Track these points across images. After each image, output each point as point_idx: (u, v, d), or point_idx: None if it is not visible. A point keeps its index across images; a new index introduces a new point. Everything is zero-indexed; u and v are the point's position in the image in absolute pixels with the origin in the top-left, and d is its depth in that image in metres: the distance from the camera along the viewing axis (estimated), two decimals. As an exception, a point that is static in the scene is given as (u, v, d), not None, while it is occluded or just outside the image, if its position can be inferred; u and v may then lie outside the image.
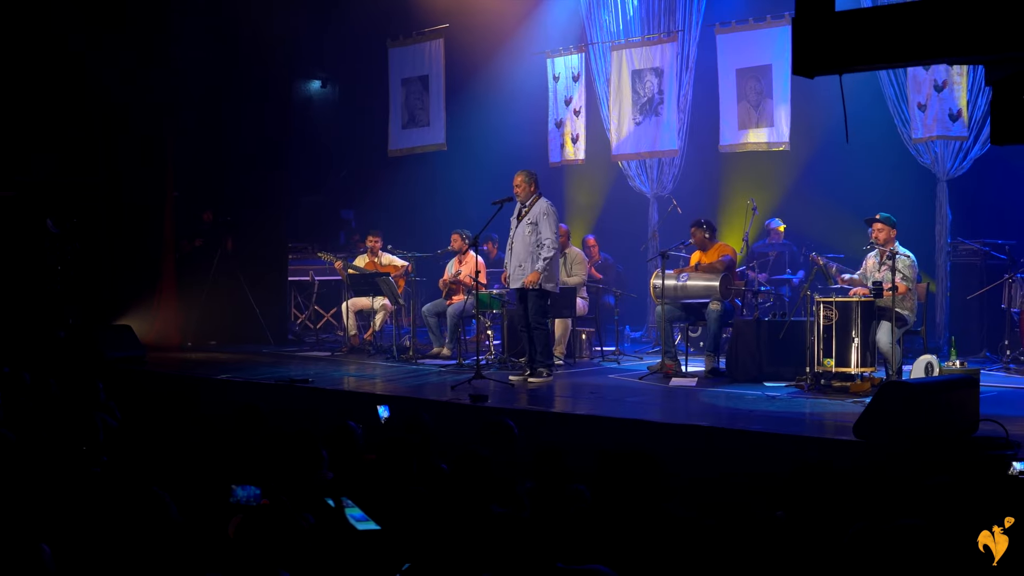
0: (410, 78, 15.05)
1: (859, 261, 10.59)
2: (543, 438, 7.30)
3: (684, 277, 10.70)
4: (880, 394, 6.82)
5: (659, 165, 14.62)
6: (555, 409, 8.67)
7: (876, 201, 12.83)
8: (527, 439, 7.78)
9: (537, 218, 10.25)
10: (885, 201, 12.74)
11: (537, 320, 10.27)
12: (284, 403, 9.78)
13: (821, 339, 9.38)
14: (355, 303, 13.43)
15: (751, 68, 13.40)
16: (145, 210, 14.20)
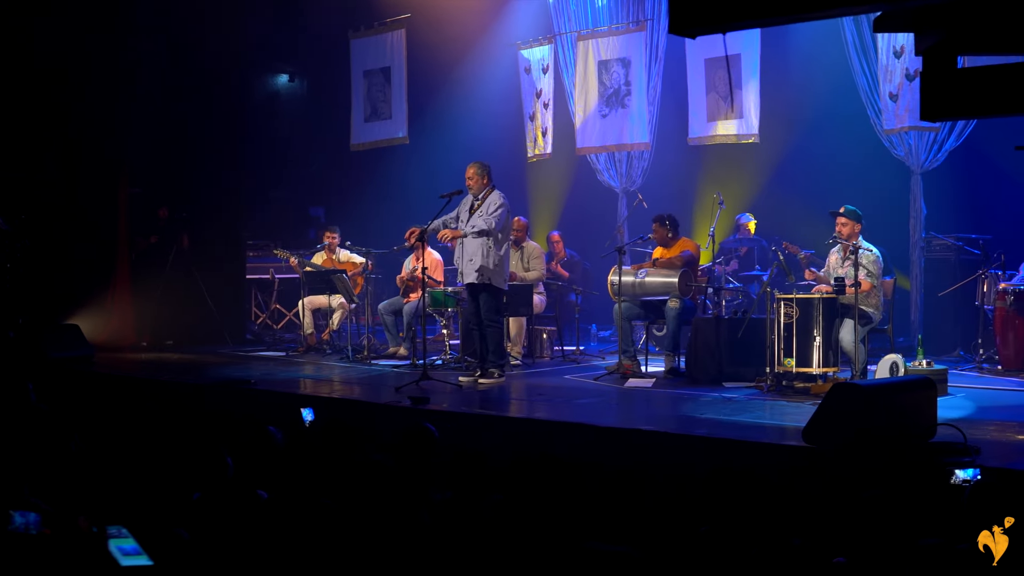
0: (372, 70, 14.60)
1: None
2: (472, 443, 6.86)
3: (642, 274, 10.27)
4: (830, 396, 6.39)
5: (628, 159, 14.19)
6: (493, 412, 8.24)
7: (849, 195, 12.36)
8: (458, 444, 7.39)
9: (487, 209, 9.82)
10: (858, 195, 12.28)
11: (490, 318, 9.85)
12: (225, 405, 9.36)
13: (781, 338, 8.96)
14: (312, 302, 12.99)
15: (720, 58, 12.95)
16: (99, 206, 13.74)
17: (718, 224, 12.27)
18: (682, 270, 10.05)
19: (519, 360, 11.31)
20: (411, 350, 11.89)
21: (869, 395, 6.24)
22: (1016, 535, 3.93)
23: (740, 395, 8.92)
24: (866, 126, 12.11)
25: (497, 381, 9.78)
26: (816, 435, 6.37)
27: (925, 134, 11.75)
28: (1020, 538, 3.91)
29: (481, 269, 9.73)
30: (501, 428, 7.67)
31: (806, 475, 6.23)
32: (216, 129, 14.36)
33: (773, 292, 9.14)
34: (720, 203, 11.89)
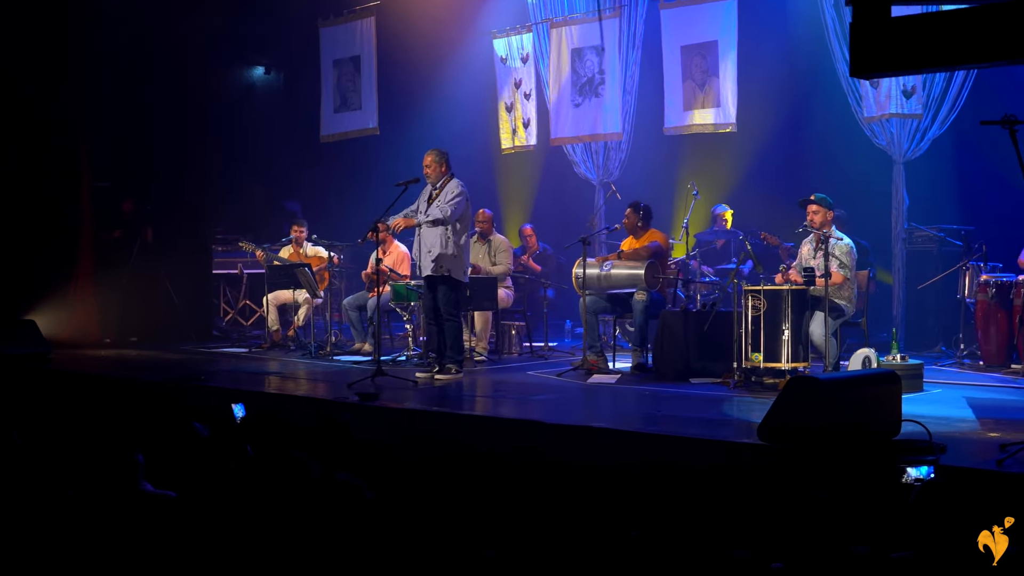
0: (342, 59, 14.19)
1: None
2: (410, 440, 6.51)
3: (608, 266, 9.86)
4: (787, 391, 5.98)
5: (605, 150, 13.76)
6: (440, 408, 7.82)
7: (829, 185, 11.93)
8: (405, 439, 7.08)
9: (446, 199, 9.43)
10: (839, 185, 11.91)
11: (448, 312, 9.44)
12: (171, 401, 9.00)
13: (749, 332, 8.55)
14: (277, 297, 12.60)
15: (696, 45, 12.55)
16: (61, 200, 13.32)
17: (693, 216, 11.92)
18: (649, 261, 9.63)
19: (484, 356, 10.90)
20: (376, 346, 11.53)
21: (828, 389, 5.83)
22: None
23: (705, 391, 8.52)
24: (847, 114, 11.68)
25: (455, 377, 9.38)
26: (772, 432, 5.96)
27: (907, 122, 11.33)
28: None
29: (439, 260, 9.34)
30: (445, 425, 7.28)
31: (759, 475, 5.83)
32: (183, 122, 13.97)
33: (740, 284, 8.73)
34: (695, 194, 11.51)
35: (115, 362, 11.41)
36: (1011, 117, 5.51)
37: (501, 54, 14.14)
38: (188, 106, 14.05)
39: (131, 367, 10.89)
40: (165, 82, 13.81)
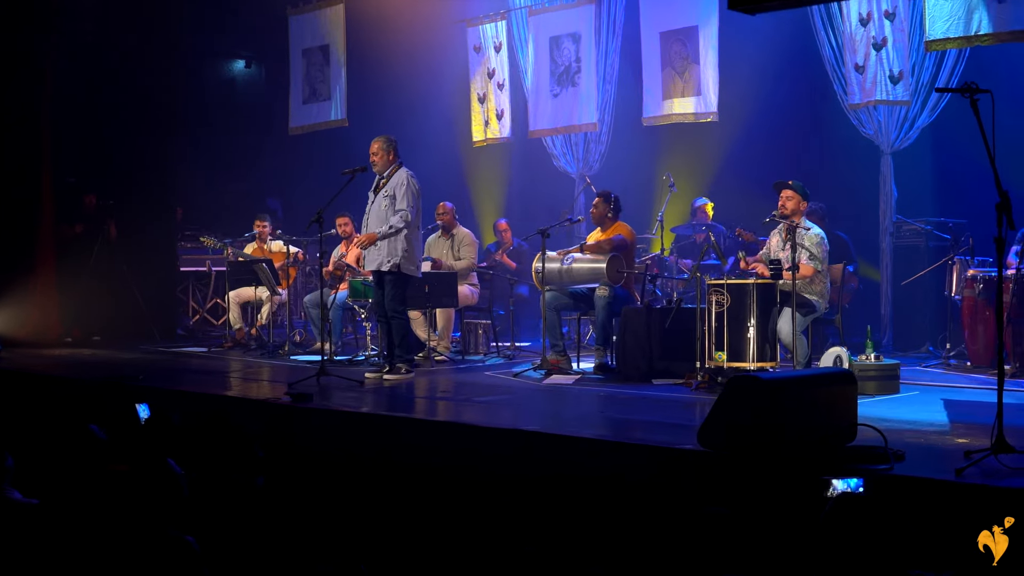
0: (310, 48, 13.65)
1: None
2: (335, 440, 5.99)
3: (569, 259, 9.27)
4: (725, 392, 5.39)
5: (585, 142, 13.18)
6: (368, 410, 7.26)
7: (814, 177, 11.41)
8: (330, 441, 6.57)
9: (395, 189, 8.88)
10: (824, 177, 11.41)
11: (394, 308, 8.89)
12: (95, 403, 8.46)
13: (713, 329, 7.96)
14: (240, 294, 12.06)
15: (675, 31, 11.96)
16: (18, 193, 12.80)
17: (672, 209, 11.36)
18: (611, 255, 9.04)
19: (445, 356, 10.33)
20: (337, 344, 11.01)
21: (771, 390, 5.24)
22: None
23: (665, 393, 7.94)
24: (833, 102, 11.10)
25: (404, 377, 8.82)
26: (711, 436, 5.38)
27: (896, 110, 10.73)
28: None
29: (386, 254, 8.79)
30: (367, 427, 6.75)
31: (694, 483, 5.25)
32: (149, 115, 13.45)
33: (703, 278, 8.14)
34: (671, 186, 10.93)
35: (62, 361, 10.91)
36: (971, 84, 4.93)
37: (475, 43, 13.57)
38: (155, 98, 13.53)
39: (75, 367, 10.37)
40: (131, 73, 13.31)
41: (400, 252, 8.80)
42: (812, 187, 11.25)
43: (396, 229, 8.77)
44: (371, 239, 8.85)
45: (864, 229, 11.10)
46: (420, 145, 13.73)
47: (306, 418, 7.23)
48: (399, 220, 8.77)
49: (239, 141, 15.76)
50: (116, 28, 13.23)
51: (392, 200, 8.85)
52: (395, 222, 8.77)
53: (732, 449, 5.27)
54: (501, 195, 13.85)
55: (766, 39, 11.57)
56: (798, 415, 5.27)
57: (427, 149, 13.75)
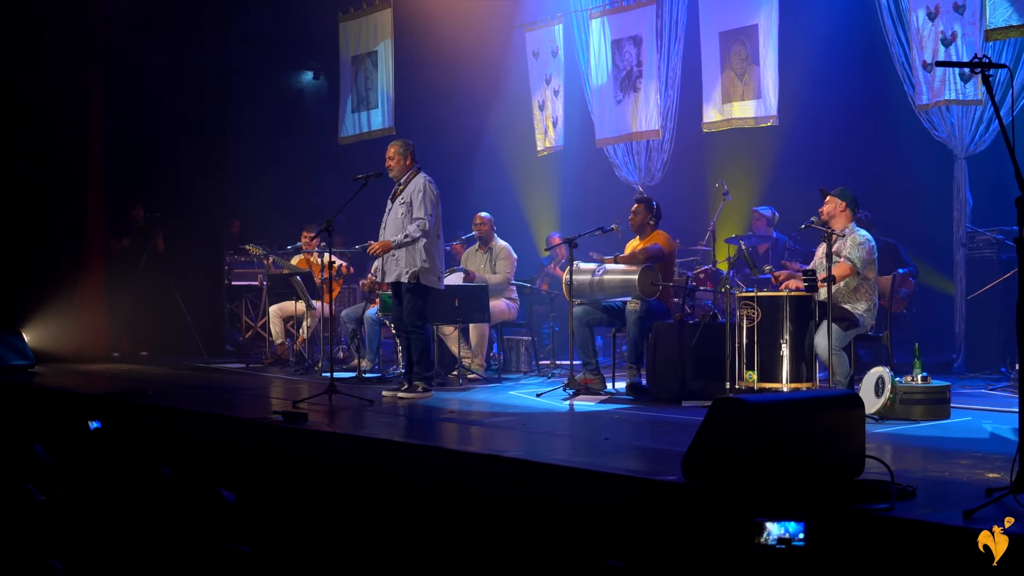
0: (360, 55, 13.26)
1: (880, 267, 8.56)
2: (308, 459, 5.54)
3: (601, 271, 8.64)
4: (709, 416, 4.72)
5: (647, 150, 12.51)
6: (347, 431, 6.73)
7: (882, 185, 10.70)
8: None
9: (411, 196, 8.37)
10: (893, 184, 10.62)
11: (413, 323, 8.37)
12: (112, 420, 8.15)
13: (743, 346, 7.26)
14: (283, 308, 11.71)
15: (735, 30, 11.27)
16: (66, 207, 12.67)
17: (726, 218, 10.67)
18: (644, 265, 8.38)
19: (479, 374, 9.77)
20: (376, 361, 10.57)
21: (757, 414, 4.56)
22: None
23: (693, 416, 7.19)
24: (903, 104, 10.27)
25: (421, 396, 8.30)
26: (694, 467, 4.72)
27: (970, 110, 9.87)
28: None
29: (405, 264, 8.30)
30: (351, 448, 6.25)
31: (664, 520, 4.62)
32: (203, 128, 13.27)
33: (733, 290, 7.45)
34: (725, 194, 10.26)
35: (90, 376, 10.66)
36: (983, 58, 4.22)
37: (533, 48, 13.03)
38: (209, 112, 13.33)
39: (99, 381, 10.10)
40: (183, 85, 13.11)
41: (419, 262, 8.30)
42: (879, 195, 10.53)
43: (412, 238, 8.27)
44: (385, 247, 8.36)
45: (937, 240, 10.28)
46: (473, 154, 13.27)
47: (294, 439, 6.76)
48: (416, 229, 8.27)
49: (303, 152, 15.49)
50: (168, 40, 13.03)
51: (409, 207, 8.36)
52: (412, 231, 8.27)
53: (714, 481, 4.61)
54: (556, 207, 13.24)
55: (829, 36, 10.82)
56: (788, 443, 4.58)
57: (480, 158, 13.29)
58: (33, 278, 12.52)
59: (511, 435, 6.71)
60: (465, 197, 12.34)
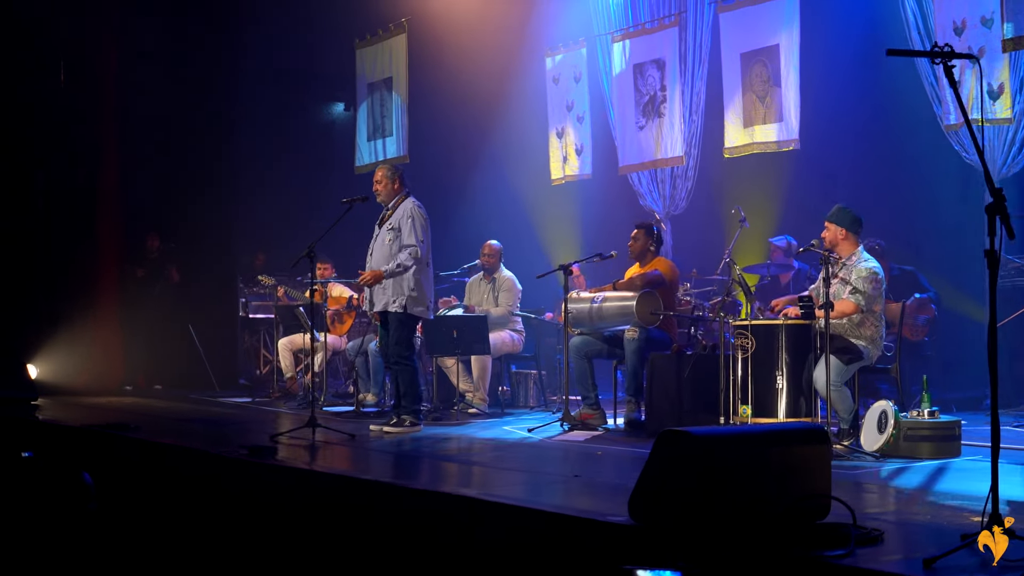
0: (375, 82, 12.98)
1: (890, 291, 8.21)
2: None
3: (600, 298, 8.21)
4: (654, 450, 4.28)
5: (671, 178, 12.05)
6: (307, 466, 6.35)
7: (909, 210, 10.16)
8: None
9: (400, 222, 8.02)
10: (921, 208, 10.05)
11: (399, 353, 8.00)
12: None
13: (737, 379, 6.78)
14: (292, 341, 11.41)
15: (756, 51, 10.80)
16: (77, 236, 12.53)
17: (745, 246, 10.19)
18: (643, 291, 7.94)
19: (480, 409, 9.35)
20: (381, 394, 10.20)
21: (702, 448, 4.10)
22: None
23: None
24: (932, 125, 9.73)
25: (408, 430, 7.91)
26: (639, 506, 4.28)
27: (1002, 131, 9.31)
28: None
29: (392, 293, 7.94)
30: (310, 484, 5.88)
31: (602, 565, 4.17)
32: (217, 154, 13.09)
33: (727, 319, 6.97)
34: (742, 220, 9.77)
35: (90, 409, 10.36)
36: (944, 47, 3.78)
37: (553, 74, 12.66)
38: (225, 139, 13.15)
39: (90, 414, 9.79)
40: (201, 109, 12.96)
41: (407, 291, 7.94)
42: (906, 220, 10.00)
43: (404, 267, 7.91)
44: (377, 276, 8.00)
45: (969, 268, 9.69)
46: (490, 183, 12.90)
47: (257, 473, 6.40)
48: (408, 257, 7.91)
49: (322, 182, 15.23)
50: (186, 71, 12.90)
51: (397, 233, 8.01)
52: (403, 259, 7.91)
53: (659, 523, 4.17)
54: (577, 236, 12.80)
55: (853, 54, 10.32)
56: (738, 481, 4.12)
57: (497, 187, 12.91)
58: (46, 310, 12.39)
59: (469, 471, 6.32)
60: (482, 227, 11.97)
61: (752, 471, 4.18)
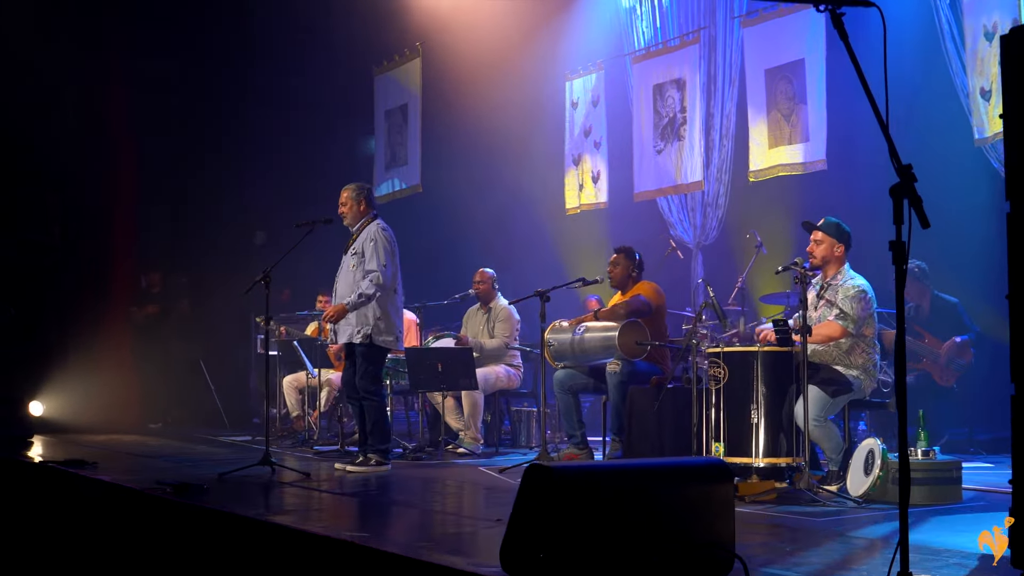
0: (392, 109, 12.51)
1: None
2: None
3: (581, 329, 7.53)
4: (521, 491, 3.60)
5: (702, 207, 11.32)
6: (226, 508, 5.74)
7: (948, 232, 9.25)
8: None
9: (363, 246, 7.45)
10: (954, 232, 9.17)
11: (366, 387, 7.40)
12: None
13: (707, 412, 6.05)
14: (297, 379, 10.88)
15: (781, 67, 10.09)
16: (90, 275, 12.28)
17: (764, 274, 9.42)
18: (627, 321, 7.25)
19: (471, 449, 8.69)
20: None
21: (564, 488, 3.42)
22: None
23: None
24: (967, 141, 8.91)
25: (374, 470, 7.30)
26: (509, 555, 3.61)
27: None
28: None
29: (356, 323, 7.36)
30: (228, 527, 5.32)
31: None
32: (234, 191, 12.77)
33: (699, 346, 6.25)
34: (758, 246, 9.04)
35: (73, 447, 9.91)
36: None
37: (572, 98, 12.05)
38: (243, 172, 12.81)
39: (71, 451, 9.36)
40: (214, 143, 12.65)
41: (372, 320, 7.35)
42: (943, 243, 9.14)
43: (367, 296, 7.33)
44: (340, 312, 7.41)
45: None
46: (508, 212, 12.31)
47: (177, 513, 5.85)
48: (369, 285, 7.32)
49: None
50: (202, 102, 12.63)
51: (361, 259, 7.44)
52: (364, 288, 7.33)
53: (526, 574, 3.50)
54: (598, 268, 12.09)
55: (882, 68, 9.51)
56: (609, 527, 3.44)
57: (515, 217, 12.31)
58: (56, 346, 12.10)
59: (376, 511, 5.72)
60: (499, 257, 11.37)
61: (631, 515, 3.49)
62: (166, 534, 5.74)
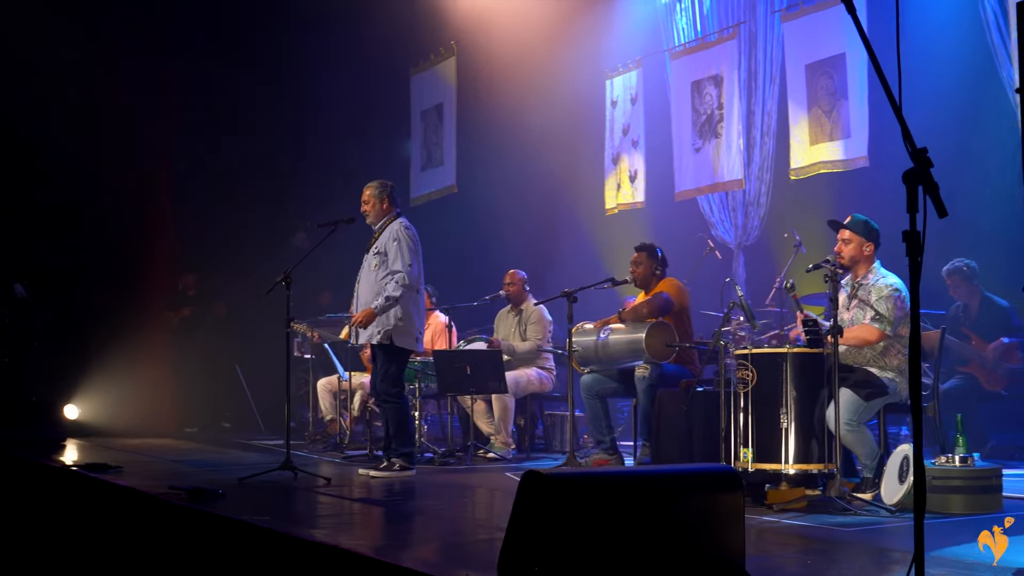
0: (428, 109, 12.35)
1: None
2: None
3: (606, 332, 7.31)
4: (518, 499, 3.41)
5: (743, 205, 11.05)
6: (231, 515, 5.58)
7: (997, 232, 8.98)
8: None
9: (386, 245, 7.29)
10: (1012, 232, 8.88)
11: (387, 390, 7.23)
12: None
13: (736, 417, 5.82)
14: (331, 383, 10.75)
15: (821, 61, 9.81)
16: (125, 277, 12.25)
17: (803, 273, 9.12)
18: (654, 322, 7.02)
19: (501, 454, 8.50)
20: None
21: (561, 497, 3.23)
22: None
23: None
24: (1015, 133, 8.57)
25: (398, 475, 7.12)
26: (508, 566, 3.42)
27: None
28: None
29: (376, 323, 7.20)
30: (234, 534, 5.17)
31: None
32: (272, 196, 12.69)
33: (727, 347, 6.02)
34: (797, 245, 8.78)
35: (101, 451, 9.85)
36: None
37: (612, 97, 11.82)
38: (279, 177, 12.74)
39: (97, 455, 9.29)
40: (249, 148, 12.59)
41: (393, 320, 7.18)
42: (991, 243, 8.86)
43: (393, 299, 7.15)
44: (368, 317, 7.24)
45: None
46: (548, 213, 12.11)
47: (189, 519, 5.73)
48: (395, 287, 7.15)
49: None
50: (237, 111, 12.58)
51: (383, 258, 7.27)
52: (391, 291, 7.15)
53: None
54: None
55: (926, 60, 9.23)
56: (609, 538, 3.23)
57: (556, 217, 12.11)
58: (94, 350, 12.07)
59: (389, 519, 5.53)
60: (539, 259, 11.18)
61: (632, 525, 3.28)
62: (175, 539, 5.62)
